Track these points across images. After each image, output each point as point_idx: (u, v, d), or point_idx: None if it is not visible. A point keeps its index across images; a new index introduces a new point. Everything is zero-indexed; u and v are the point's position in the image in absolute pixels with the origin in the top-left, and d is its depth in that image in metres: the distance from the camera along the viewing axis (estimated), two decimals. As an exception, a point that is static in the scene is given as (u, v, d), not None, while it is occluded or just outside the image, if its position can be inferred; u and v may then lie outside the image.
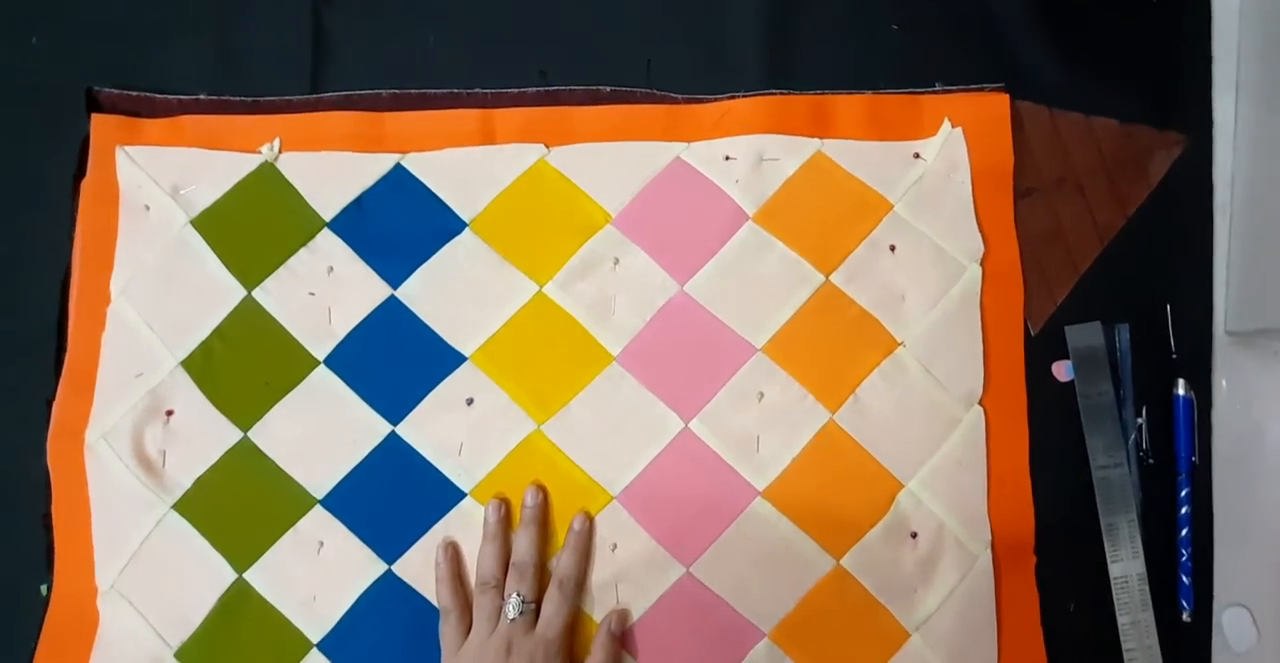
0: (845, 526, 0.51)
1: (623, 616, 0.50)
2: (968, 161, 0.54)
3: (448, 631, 0.49)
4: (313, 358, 0.53)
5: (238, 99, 0.56)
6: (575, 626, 0.49)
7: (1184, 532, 0.52)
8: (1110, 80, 0.56)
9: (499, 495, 0.51)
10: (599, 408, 0.52)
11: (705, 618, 0.50)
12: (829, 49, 0.56)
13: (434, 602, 0.50)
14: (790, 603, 0.50)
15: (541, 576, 0.50)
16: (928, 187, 0.54)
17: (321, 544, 0.51)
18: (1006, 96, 0.55)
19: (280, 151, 0.55)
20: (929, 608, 0.50)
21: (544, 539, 0.51)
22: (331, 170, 0.55)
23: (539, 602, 0.49)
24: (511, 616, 0.47)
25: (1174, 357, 0.54)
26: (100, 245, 0.54)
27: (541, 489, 0.51)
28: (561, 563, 0.50)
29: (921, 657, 0.50)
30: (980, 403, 0.52)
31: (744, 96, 0.55)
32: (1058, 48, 0.56)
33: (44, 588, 0.51)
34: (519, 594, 0.48)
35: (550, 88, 0.56)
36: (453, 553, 0.51)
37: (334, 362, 0.53)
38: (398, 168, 0.55)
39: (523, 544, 0.50)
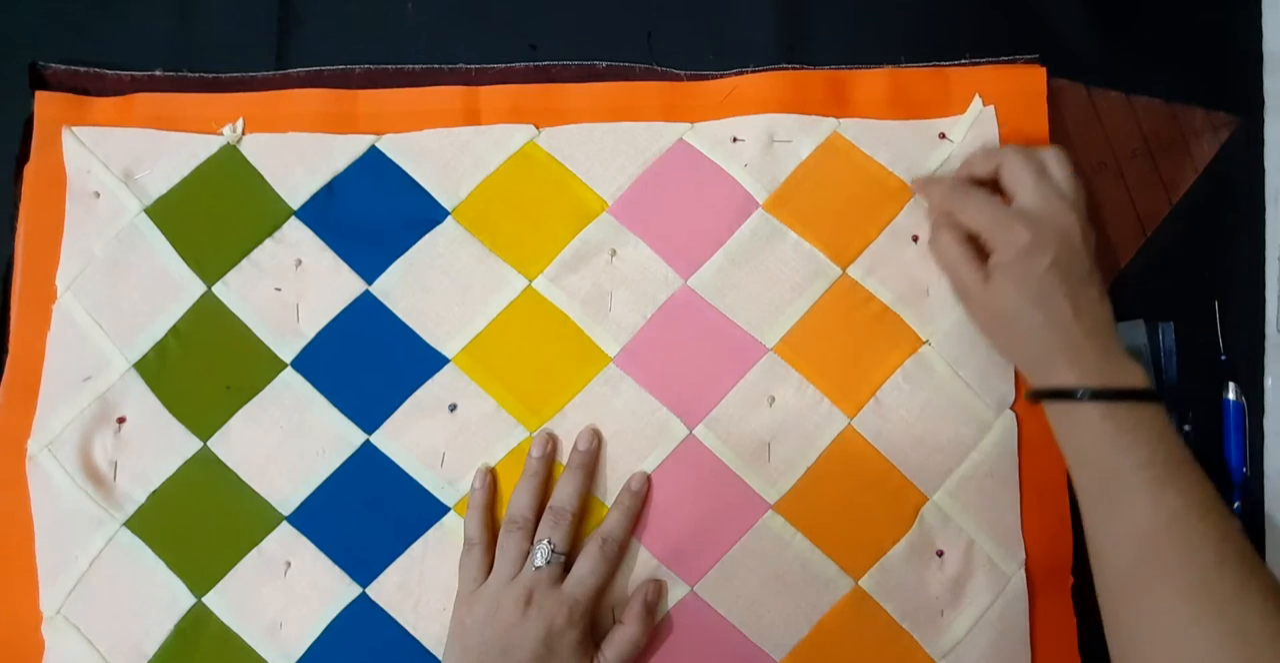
0: (865, 542, 0.49)
1: (660, 587, 0.48)
2: (999, 143, 0.52)
3: (469, 563, 0.47)
4: (279, 360, 0.51)
5: (196, 75, 0.54)
6: (605, 592, 0.47)
7: (1235, 549, 0.49)
8: (1153, 56, 0.54)
9: (548, 431, 0.49)
10: (595, 414, 0.50)
11: (711, 644, 0.48)
12: (846, 19, 0.54)
13: (411, 631, 0.48)
14: (804, 628, 0.48)
15: (578, 528, 0.48)
16: (955, 169, 0.51)
17: (288, 565, 0.49)
18: (1043, 69, 0.53)
19: (243, 133, 0.53)
20: (957, 634, 0.48)
21: (589, 490, 0.49)
22: (299, 153, 0.53)
23: (569, 555, 0.47)
24: (538, 563, 0.45)
25: (1223, 358, 0.52)
26: (45, 236, 0.52)
27: (598, 435, 0.49)
28: (609, 521, 0.48)
29: (949, 687, 0.48)
30: (1013, 408, 0.50)
31: (753, 72, 0.53)
32: (1096, 20, 0.54)
33: (-18, 615, 0.49)
34: (550, 542, 0.46)
35: (541, 63, 0.54)
36: (491, 481, 0.49)
37: (302, 364, 0.51)
38: (372, 150, 0.53)
39: (566, 489, 0.48)
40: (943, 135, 0.52)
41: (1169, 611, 0.38)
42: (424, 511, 0.49)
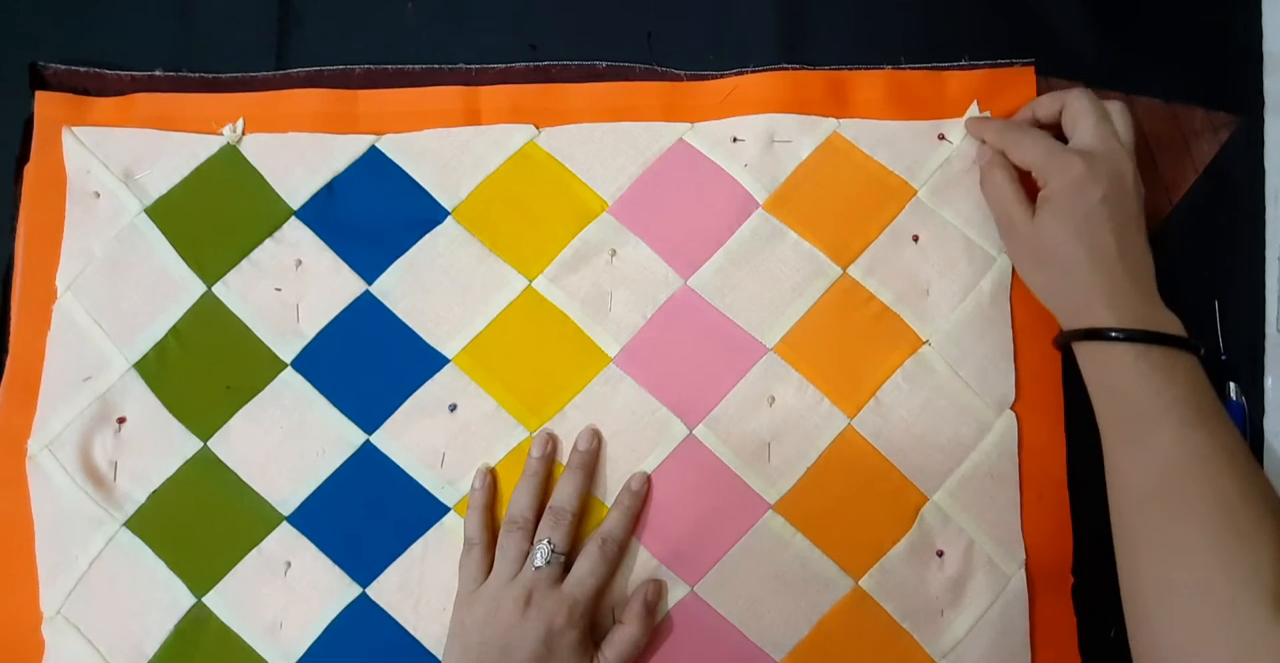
0: (865, 542, 0.49)
1: (659, 587, 0.47)
2: (998, 144, 0.52)
3: (469, 564, 0.47)
4: (279, 360, 0.51)
5: (196, 75, 0.54)
6: (605, 592, 0.47)
7: (1235, 549, 0.49)
8: (1153, 56, 0.54)
9: (548, 432, 0.49)
10: (595, 414, 0.50)
11: (711, 644, 0.48)
12: (845, 20, 0.54)
13: (411, 631, 0.48)
14: (804, 628, 0.48)
15: (578, 528, 0.47)
16: (954, 170, 0.52)
17: (288, 565, 0.49)
18: (1033, 73, 0.53)
19: (243, 133, 0.53)
20: (957, 634, 0.48)
21: (589, 490, 0.49)
22: (300, 153, 0.52)
23: (569, 555, 0.46)
24: (538, 563, 0.45)
25: (1223, 358, 0.52)
26: (45, 236, 0.52)
27: (598, 435, 0.49)
28: (608, 521, 0.48)
29: (949, 687, 0.48)
30: (1013, 408, 0.50)
31: (753, 72, 0.53)
32: (1095, 20, 0.54)
33: (-18, 615, 0.49)
34: (550, 542, 0.46)
35: (541, 63, 0.54)
36: (491, 481, 0.49)
37: (302, 364, 0.50)
38: (372, 151, 0.53)
39: (566, 489, 0.48)
40: (942, 136, 0.52)
41: (1191, 539, 0.38)
42: (424, 511, 0.49)
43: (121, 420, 0.50)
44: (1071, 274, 0.44)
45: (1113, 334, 0.42)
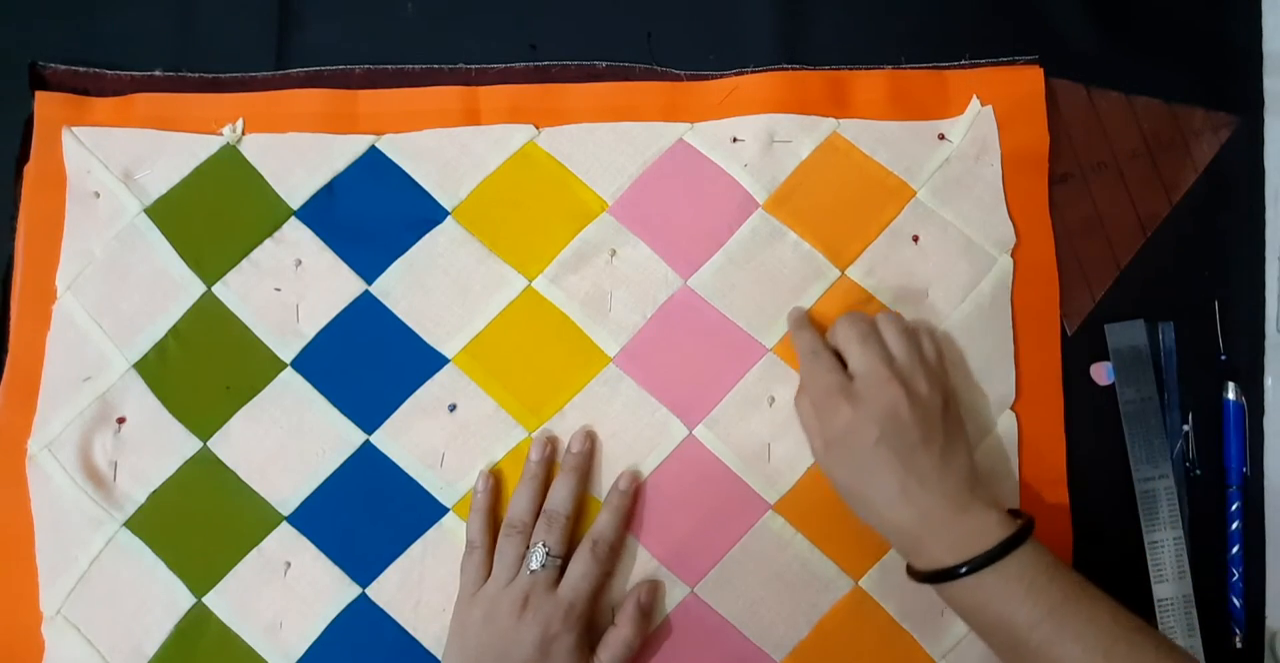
0: (865, 543, 0.48)
1: (654, 588, 0.48)
2: (998, 143, 0.52)
3: (470, 567, 0.47)
4: (279, 360, 0.50)
5: (196, 75, 0.54)
6: (601, 593, 0.47)
7: (1235, 549, 0.50)
8: (1153, 56, 0.54)
9: (547, 434, 0.49)
10: (595, 414, 0.50)
11: (711, 644, 0.48)
12: (846, 20, 0.54)
13: (411, 631, 0.48)
14: (805, 629, 0.48)
15: (573, 531, 0.47)
16: (954, 170, 0.52)
17: (288, 565, 0.49)
18: (1040, 70, 0.53)
19: (243, 133, 0.53)
20: (957, 634, 0.48)
21: (584, 492, 0.49)
22: (299, 154, 0.52)
23: (566, 558, 0.46)
24: (534, 566, 0.45)
25: (1223, 358, 0.52)
26: (45, 236, 0.52)
27: (591, 437, 0.49)
28: (599, 523, 0.47)
29: (949, 688, 0.48)
30: (1013, 408, 0.50)
31: (753, 72, 0.53)
32: (1096, 20, 0.54)
33: (-18, 615, 0.49)
34: (545, 546, 0.46)
35: (541, 63, 0.54)
36: (494, 484, 0.49)
37: (302, 364, 0.50)
38: (372, 151, 0.52)
39: (560, 493, 0.47)
40: (942, 136, 0.52)
41: None
42: (423, 511, 0.49)
43: (121, 420, 0.49)
44: (877, 513, 0.43)
45: (959, 571, 0.40)
